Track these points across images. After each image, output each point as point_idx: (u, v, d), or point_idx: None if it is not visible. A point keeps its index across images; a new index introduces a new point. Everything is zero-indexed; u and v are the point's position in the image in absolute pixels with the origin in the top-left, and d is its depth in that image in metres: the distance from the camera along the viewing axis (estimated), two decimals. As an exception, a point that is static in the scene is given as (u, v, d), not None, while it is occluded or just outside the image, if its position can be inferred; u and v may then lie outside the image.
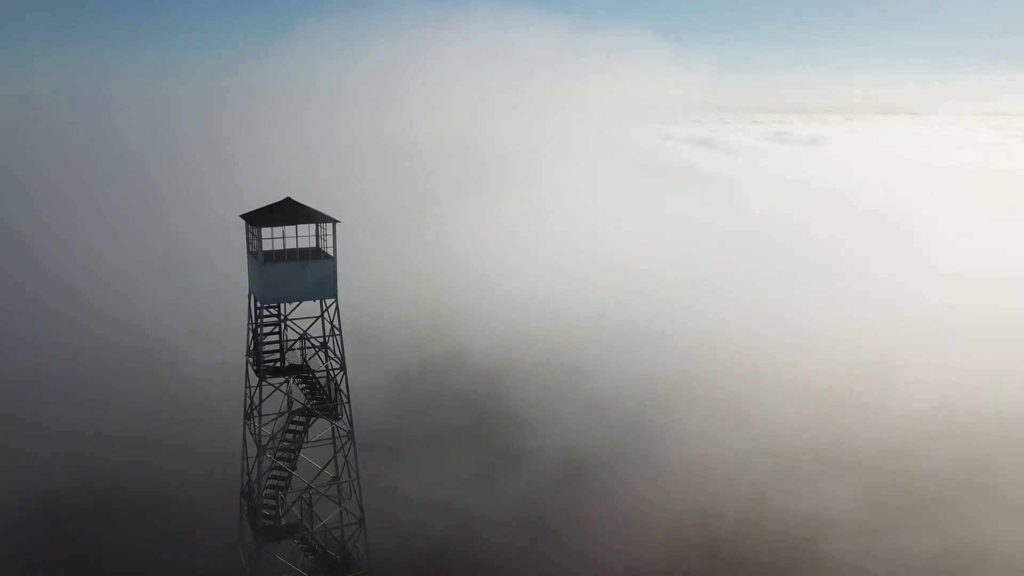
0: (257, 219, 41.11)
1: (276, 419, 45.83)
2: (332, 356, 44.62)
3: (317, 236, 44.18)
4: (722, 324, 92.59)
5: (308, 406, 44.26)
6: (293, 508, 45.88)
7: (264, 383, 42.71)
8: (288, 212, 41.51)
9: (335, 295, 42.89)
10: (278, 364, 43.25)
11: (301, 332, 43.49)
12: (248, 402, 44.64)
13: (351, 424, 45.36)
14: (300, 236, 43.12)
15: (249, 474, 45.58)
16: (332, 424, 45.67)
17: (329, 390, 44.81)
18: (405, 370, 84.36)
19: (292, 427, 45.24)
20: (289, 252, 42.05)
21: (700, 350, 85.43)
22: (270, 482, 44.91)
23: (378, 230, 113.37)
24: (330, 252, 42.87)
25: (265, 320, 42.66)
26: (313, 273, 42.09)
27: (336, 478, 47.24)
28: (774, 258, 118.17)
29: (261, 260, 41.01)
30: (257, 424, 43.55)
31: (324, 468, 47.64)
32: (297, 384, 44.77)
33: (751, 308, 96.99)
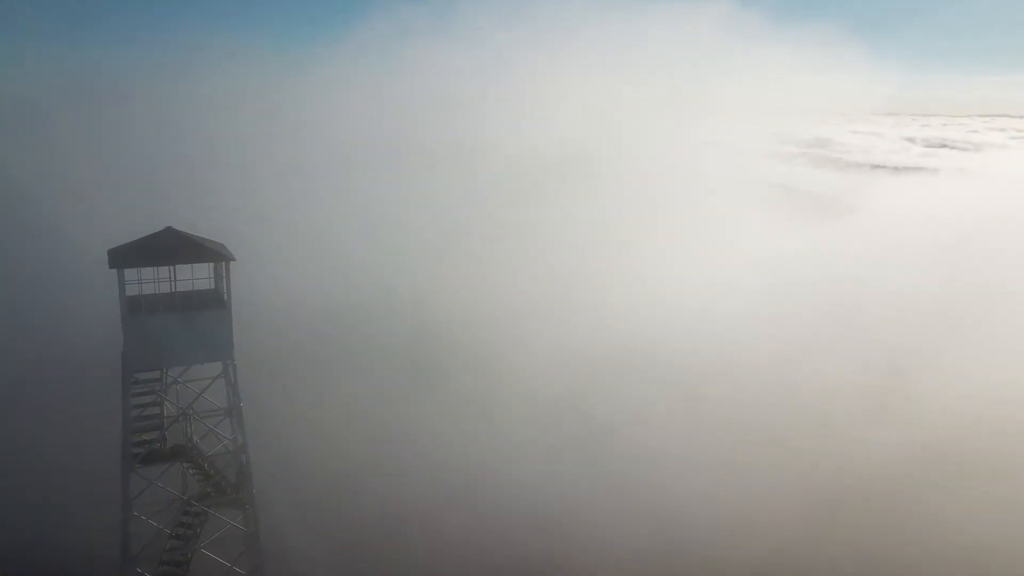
0: (121, 257, 31.15)
1: (164, 509, 35.91)
2: (236, 431, 34.81)
3: (215, 276, 34.51)
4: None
5: (195, 502, 34.13)
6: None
7: (135, 473, 32.64)
8: (164, 248, 31.59)
9: (231, 355, 32.96)
10: (157, 446, 33.22)
11: (187, 404, 33.58)
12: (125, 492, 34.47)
13: (256, 522, 35.28)
14: (193, 278, 33.56)
15: (125, 585, 35.30)
16: (232, 522, 35.67)
17: (239, 476, 35.02)
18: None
19: (184, 520, 35.26)
20: (166, 299, 32.15)
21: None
22: (152, 598, 34.81)
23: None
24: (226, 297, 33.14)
25: (139, 390, 32.71)
26: (201, 327, 32.20)
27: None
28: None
29: (126, 310, 31.09)
30: (124, 530, 33.31)
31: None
32: (188, 471, 34.81)
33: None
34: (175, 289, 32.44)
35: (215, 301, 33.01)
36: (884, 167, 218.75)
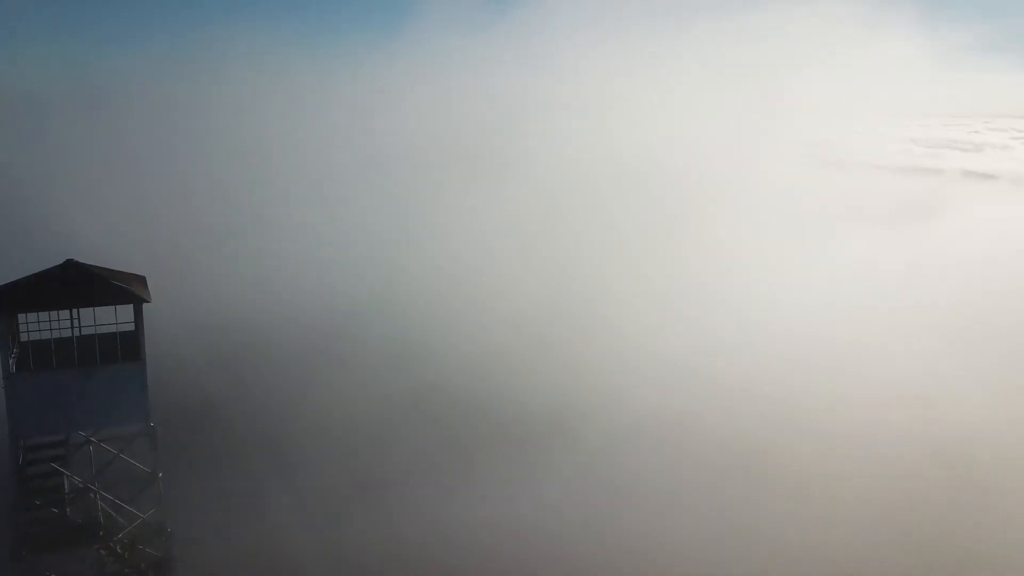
0: (9, 301, 24.87)
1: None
2: (157, 504, 28.66)
3: (135, 317, 28.20)
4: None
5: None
6: None
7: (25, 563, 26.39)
8: (60, 288, 25.29)
9: (146, 417, 26.70)
10: (55, 526, 27.03)
11: (94, 473, 27.36)
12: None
13: (181, 614, 29.15)
14: (96, 323, 27.20)
15: None
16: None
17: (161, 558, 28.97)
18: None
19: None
20: (61, 346, 25.86)
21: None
22: None
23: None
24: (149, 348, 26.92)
25: (32, 457, 26.50)
26: (107, 387, 25.92)
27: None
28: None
29: (12, 367, 24.85)
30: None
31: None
32: (99, 551, 28.67)
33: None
34: (77, 335, 26.11)
35: (129, 350, 26.68)
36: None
